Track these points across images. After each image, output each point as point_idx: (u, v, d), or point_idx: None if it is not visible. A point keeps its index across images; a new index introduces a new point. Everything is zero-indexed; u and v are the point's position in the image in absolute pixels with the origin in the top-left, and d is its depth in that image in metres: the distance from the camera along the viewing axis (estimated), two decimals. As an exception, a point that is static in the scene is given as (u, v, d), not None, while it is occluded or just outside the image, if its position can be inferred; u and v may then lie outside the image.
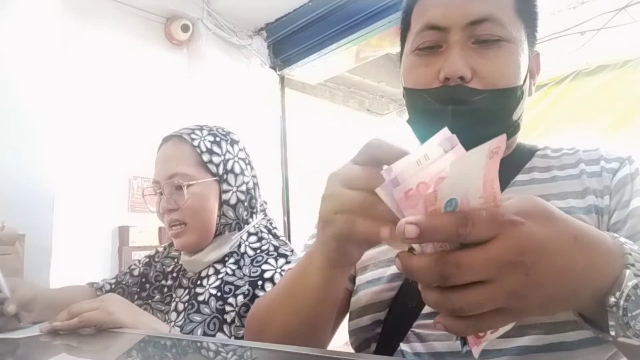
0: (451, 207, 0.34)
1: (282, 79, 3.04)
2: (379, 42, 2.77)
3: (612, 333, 0.36)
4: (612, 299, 0.36)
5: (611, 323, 0.36)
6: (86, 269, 2.10)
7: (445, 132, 0.34)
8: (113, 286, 1.11)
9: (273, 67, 2.95)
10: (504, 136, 0.34)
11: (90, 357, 0.72)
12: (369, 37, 2.59)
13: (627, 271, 0.36)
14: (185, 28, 2.57)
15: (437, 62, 0.63)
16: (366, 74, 3.61)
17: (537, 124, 3.44)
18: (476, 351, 0.37)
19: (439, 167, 0.36)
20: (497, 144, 0.34)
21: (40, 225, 1.54)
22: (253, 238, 1.01)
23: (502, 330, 0.37)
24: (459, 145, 0.35)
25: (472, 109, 0.62)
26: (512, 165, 0.69)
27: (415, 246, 0.36)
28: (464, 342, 0.38)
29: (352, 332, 0.70)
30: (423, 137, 0.71)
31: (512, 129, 0.67)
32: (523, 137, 0.78)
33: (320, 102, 3.60)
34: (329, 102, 3.70)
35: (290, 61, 2.92)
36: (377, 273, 0.68)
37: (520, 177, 0.67)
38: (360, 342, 0.68)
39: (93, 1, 2.35)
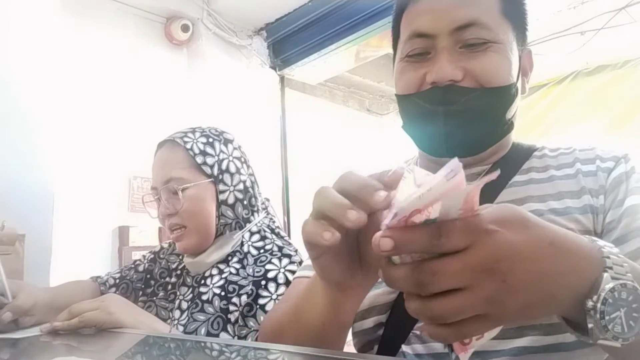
0: (429, 219, 0.34)
1: (282, 79, 3.04)
2: (379, 42, 2.77)
3: (591, 336, 0.36)
4: (590, 303, 0.36)
5: (590, 326, 0.36)
6: (86, 269, 2.08)
7: (453, 162, 0.34)
8: (117, 280, 1.11)
9: (273, 67, 2.95)
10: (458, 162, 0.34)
11: (90, 357, 0.72)
12: (369, 37, 2.59)
13: (605, 274, 0.36)
14: (185, 28, 2.57)
15: (425, 67, 0.65)
16: (366, 74, 3.61)
17: (537, 124, 3.44)
18: (464, 357, 0.38)
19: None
20: (451, 167, 0.34)
21: (40, 225, 1.53)
22: (256, 237, 1.01)
23: (489, 335, 0.37)
24: (461, 172, 0.35)
25: (463, 109, 0.63)
26: (510, 166, 0.69)
27: (395, 257, 0.36)
28: (451, 349, 0.38)
29: (355, 334, 0.70)
30: (419, 142, 0.72)
31: (505, 127, 0.68)
32: (523, 137, 0.78)
33: (320, 102, 3.60)
34: (329, 102, 3.70)
35: (290, 61, 2.91)
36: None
37: (518, 178, 0.67)
38: (363, 343, 0.69)
39: (93, 1, 2.35)
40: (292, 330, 0.58)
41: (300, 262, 0.94)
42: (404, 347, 0.63)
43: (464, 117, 0.63)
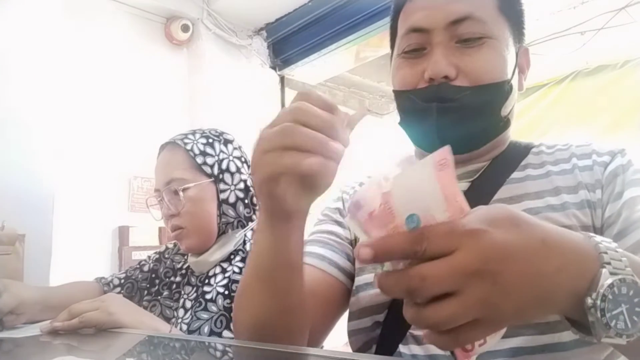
0: (413, 223, 0.34)
1: (282, 79, 3.04)
2: (379, 42, 2.77)
3: (595, 334, 0.36)
4: (589, 301, 0.35)
5: (591, 324, 0.35)
6: (86, 269, 2.09)
7: (443, 150, 0.34)
8: (122, 281, 1.12)
9: (273, 67, 2.95)
10: (448, 147, 0.34)
11: (90, 357, 0.72)
12: (369, 37, 2.59)
13: (603, 270, 0.36)
14: (185, 28, 2.57)
15: (422, 64, 0.65)
16: (366, 74, 3.61)
17: (537, 124, 3.44)
18: None
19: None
20: (442, 156, 0.34)
21: (40, 225, 1.53)
22: None
23: (492, 340, 0.37)
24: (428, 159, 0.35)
25: (457, 106, 0.63)
26: (507, 163, 0.69)
27: (387, 263, 0.36)
28: (454, 356, 0.38)
29: (351, 333, 0.70)
30: (414, 138, 0.72)
31: (501, 124, 0.68)
32: (523, 138, 0.78)
33: (320, 102, 3.60)
34: (329, 102, 3.70)
35: (290, 61, 2.91)
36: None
37: (515, 175, 0.67)
38: (360, 343, 0.68)
39: (93, 1, 2.35)
40: (251, 286, 0.57)
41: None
42: (401, 347, 0.63)
43: (457, 114, 0.64)
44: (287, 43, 2.87)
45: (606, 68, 3.27)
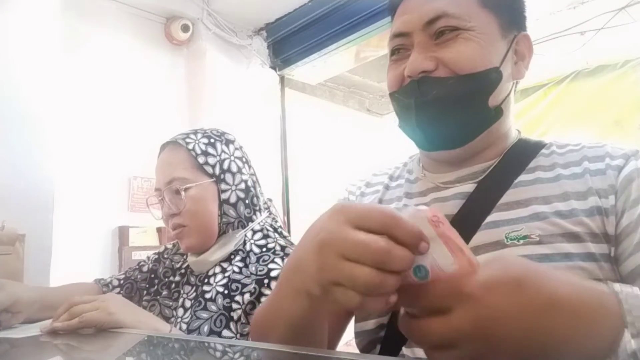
0: (421, 273, 0.37)
1: (282, 79, 3.04)
2: (379, 42, 2.77)
3: None
4: None
5: None
6: (86, 269, 2.09)
7: (431, 209, 0.38)
8: (122, 281, 1.12)
9: (273, 67, 2.95)
10: (434, 207, 0.37)
11: (90, 357, 0.72)
12: (369, 37, 2.59)
13: (625, 333, 0.35)
14: (185, 28, 2.57)
15: (404, 64, 0.67)
16: (366, 74, 3.61)
17: (537, 124, 3.44)
18: None
19: None
20: (433, 213, 0.37)
21: (40, 225, 1.54)
22: (258, 235, 1.02)
23: None
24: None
25: (435, 98, 0.64)
26: (515, 164, 0.68)
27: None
28: None
29: (357, 334, 0.70)
30: (409, 137, 0.73)
31: (491, 114, 0.66)
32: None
33: (320, 102, 3.60)
34: (329, 102, 3.70)
35: (290, 61, 2.91)
36: None
37: (523, 177, 0.66)
38: (365, 343, 0.69)
39: (93, 1, 2.34)
40: (274, 331, 0.57)
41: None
42: (404, 350, 0.63)
43: (438, 106, 0.64)
44: (287, 43, 2.87)
45: (606, 68, 3.27)
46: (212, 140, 1.03)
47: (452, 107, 0.64)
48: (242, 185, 1.03)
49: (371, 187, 0.82)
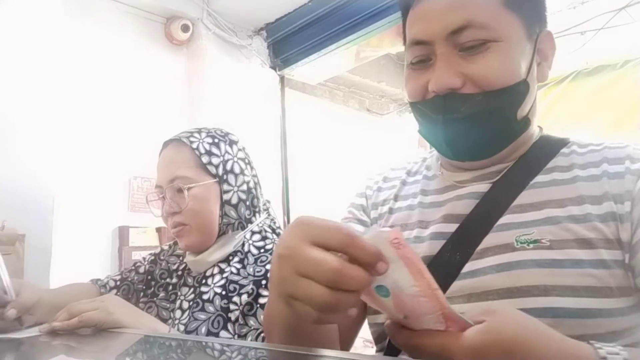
0: (382, 292, 0.39)
1: (282, 79, 3.04)
2: (379, 42, 2.77)
3: None
4: None
5: None
6: (86, 269, 2.09)
7: (394, 231, 0.38)
8: (118, 282, 1.11)
9: (273, 67, 2.95)
10: (397, 229, 0.39)
11: (90, 357, 0.72)
12: (369, 37, 2.59)
13: None
14: (185, 28, 2.57)
15: (428, 75, 0.64)
16: (366, 74, 3.61)
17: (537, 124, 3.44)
18: None
19: None
20: (395, 235, 0.37)
21: (40, 225, 1.54)
22: (257, 237, 1.02)
23: None
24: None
25: (465, 116, 0.62)
26: (532, 164, 0.66)
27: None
28: None
29: (371, 325, 0.72)
30: (432, 145, 0.72)
31: (520, 125, 0.65)
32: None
33: (320, 102, 3.60)
34: (329, 102, 3.70)
35: (290, 61, 2.91)
36: None
37: (540, 178, 0.64)
38: (379, 333, 0.70)
39: (93, 1, 2.34)
40: (278, 337, 0.57)
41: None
42: None
43: (467, 124, 0.62)
44: (287, 43, 2.87)
45: (606, 68, 3.27)
46: (216, 140, 1.03)
47: (480, 123, 0.62)
48: (244, 187, 1.03)
49: (388, 182, 0.81)
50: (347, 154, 3.51)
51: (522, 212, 0.61)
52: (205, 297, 0.94)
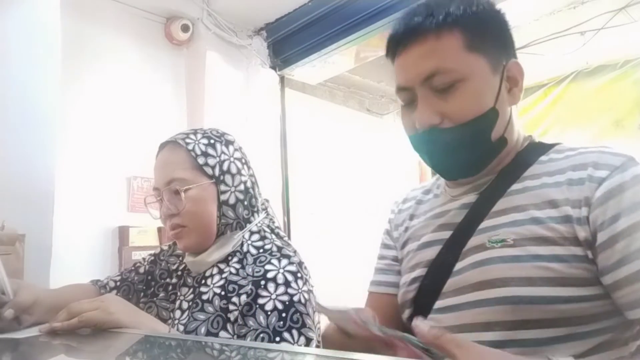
0: None
1: (282, 79, 3.04)
2: (379, 42, 2.77)
3: None
4: None
5: None
6: (86, 269, 2.10)
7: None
8: (118, 283, 1.12)
9: (273, 67, 2.95)
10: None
11: (90, 357, 0.72)
12: (369, 37, 2.59)
13: None
14: (185, 28, 2.57)
15: (413, 114, 0.76)
16: (366, 74, 3.60)
17: (537, 124, 3.44)
18: None
19: None
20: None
21: (40, 225, 1.53)
22: (256, 236, 1.02)
23: None
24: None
25: (445, 145, 0.74)
26: (510, 175, 0.75)
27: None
28: None
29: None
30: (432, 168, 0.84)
31: (496, 146, 0.75)
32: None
33: (320, 102, 3.59)
34: (329, 102, 3.70)
35: (290, 61, 2.91)
36: (405, 277, 0.83)
37: (514, 187, 0.73)
38: (400, 303, 0.84)
39: (93, 1, 2.34)
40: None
41: (300, 263, 0.94)
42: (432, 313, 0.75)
43: (449, 151, 0.75)
44: (287, 43, 2.87)
45: (606, 68, 3.27)
46: (212, 141, 1.03)
47: (460, 150, 0.74)
48: (241, 187, 1.03)
49: (407, 203, 0.95)
50: (347, 154, 3.51)
51: (496, 217, 0.72)
52: (204, 297, 0.94)
